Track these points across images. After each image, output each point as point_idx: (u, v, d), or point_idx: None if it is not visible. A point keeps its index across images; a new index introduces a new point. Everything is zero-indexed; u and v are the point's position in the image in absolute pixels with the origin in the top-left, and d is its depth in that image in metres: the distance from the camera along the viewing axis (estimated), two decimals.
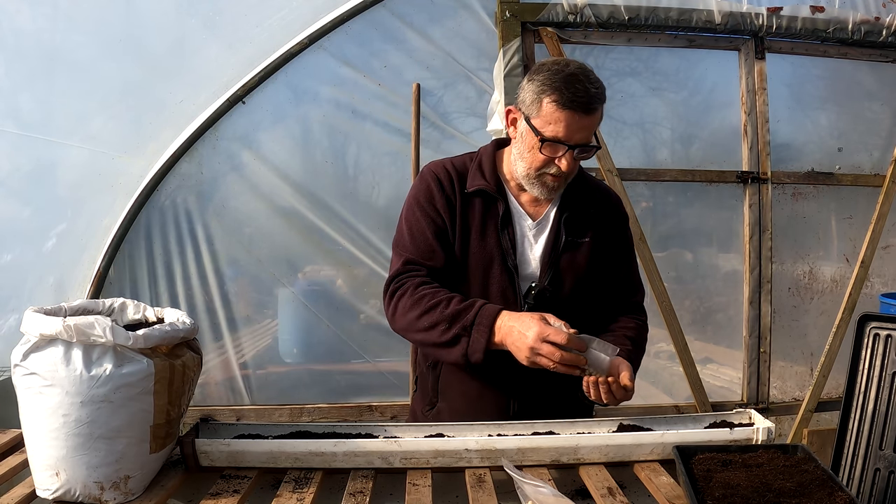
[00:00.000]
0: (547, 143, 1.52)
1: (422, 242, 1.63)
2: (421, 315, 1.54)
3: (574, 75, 1.49)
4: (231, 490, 1.26)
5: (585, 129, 1.52)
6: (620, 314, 1.72)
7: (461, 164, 1.70)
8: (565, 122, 1.50)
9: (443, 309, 1.52)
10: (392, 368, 3.04)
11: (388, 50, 2.94)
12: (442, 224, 1.64)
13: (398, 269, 1.63)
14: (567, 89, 1.48)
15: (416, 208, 1.66)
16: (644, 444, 1.39)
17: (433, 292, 1.55)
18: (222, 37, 2.82)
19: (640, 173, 3.09)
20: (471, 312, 1.50)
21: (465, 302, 1.53)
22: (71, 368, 1.15)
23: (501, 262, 1.62)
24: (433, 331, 1.53)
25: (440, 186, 1.65)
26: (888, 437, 1.90)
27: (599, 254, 1.68)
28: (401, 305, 1.58)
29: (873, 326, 1.99)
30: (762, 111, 3.14)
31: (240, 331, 2.99)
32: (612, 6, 2.94)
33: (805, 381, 3.28)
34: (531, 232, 1.66)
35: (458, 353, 1.51)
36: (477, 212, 1.64)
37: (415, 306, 1.55)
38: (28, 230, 2.78)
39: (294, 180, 2.95)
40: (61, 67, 2.71)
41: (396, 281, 1.62)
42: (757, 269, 3.16)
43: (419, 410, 1.76)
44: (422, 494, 1.24)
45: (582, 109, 1.49)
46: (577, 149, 1.53)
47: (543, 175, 1.58)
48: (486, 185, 1.64)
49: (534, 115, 1.53)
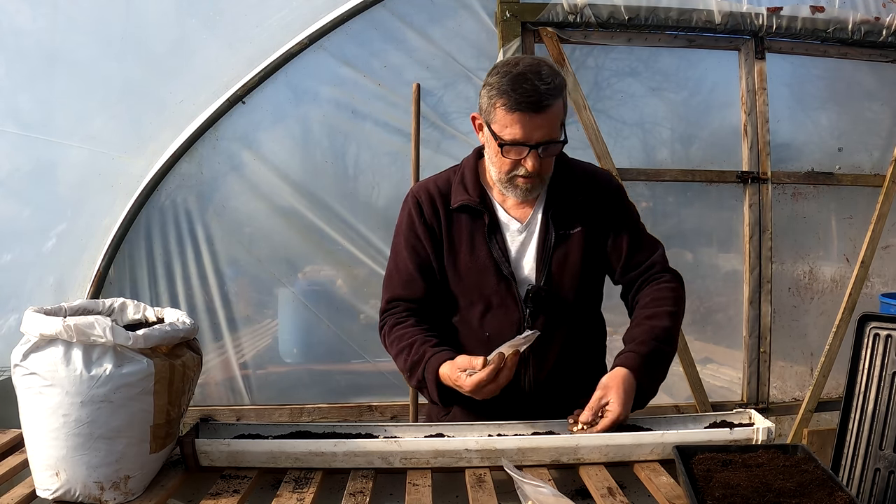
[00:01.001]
0: (507, 147, 1.51)
1: (404, 273, 1.67)
2: (395, 357, 1.64)
3: (522, 75, 1.46)
4: (231, 490, 1.26)
5: (543, 127, 1.49)
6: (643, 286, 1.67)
7: (444, 182, 1.70)
8: (520, 124, 1.48)
9: (405, 357, 1.60)
10: (392, 368, 3.03)
11: (388, 50, 2.94)
12: (423, 252, 1.66)
13: (382, 306, 1.72)
14: (514, 91, 1.45)
15: (401, 237, 1.70)
16: (644, 444, 1.39)
17: (401, 335, 1.62)
18: (222, 37, 2.82)
19: (640, 173, 3.09)
20: (420, 366, 1.56)
21: (420, 350, 1.57)
22: (71, 368, 1.15)
23: (496, 272, 1.62)
24: (405, 374, 1.64)
25: (420, 212, 1.67)
26: (888, 437, 1.90)
27: (594, 239, 1.66)
28: (386, 345, 1.68)
29: (873, 326, 1.99)
30: (762, 111, 3.14)
31: (240, 331, 2.99)
32: (612, 6, 2.94)
33: (805, 381, 3.28)
34: (521, 236, 1.65)
35: (429, 397, 1.61)
36: (464, 227, 1.64)
37: (391, 347, 1.65)
38: (28, 230, 2.78)
39: (294, 180, 2.95)
40: (61, 67, 2.71)
41: (381, 319, 1.71)
42: (757, 269, 3.16)
43: (434, 414, 1.75)
44: (422, 494, 1.24)
45: (532, 109, 1.46)
46: (539, 147, 1.50)
47: (514, 178, 1.56)
48: (468, 198, 1.63)
49: (492, 120, 1.52)
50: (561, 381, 1.65)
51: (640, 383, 1.50)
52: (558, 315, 1.64)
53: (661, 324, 1.58)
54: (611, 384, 1.47)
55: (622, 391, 1.46)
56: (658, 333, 1.56)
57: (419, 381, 1.58)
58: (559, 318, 1.64)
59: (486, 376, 1.41)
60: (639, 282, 1.69)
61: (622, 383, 1.47)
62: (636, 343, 1.55)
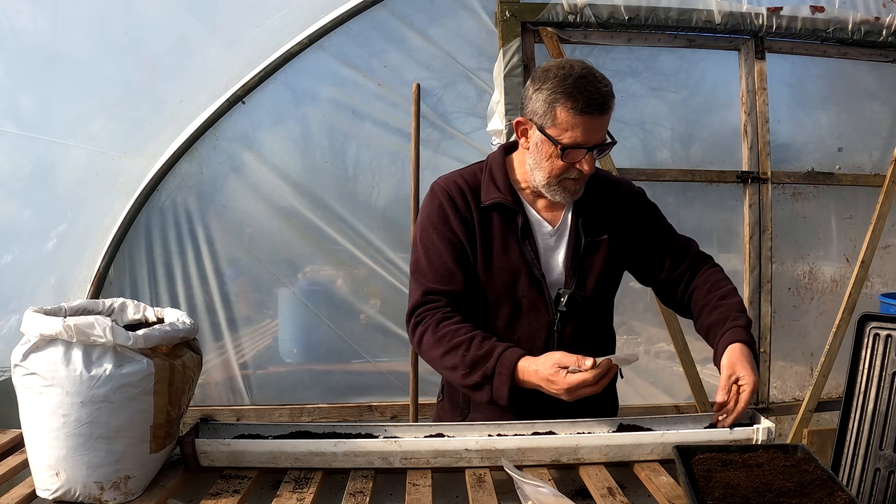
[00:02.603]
0: (568, 150, 1.51)
1: (440, 266, 1.60)
2: (444, 355, 1.52)
3: (583, 77, 1.48)
4: (231, 490, 1.26)
5: (602, 129, 1.53)
6: (693, 276, 1.71)
7: (471, 177, 1.67)
8: (582, 127, 1.49)
9: (463, 353, 1.50)
10: (392, 368, 3.04)
11: (388, 50, 2.94)
12: (459, 245, 1.61)
13: (418, 299, 1.61)
14: (581, 94, 1.47)
15: (431, 230, 1.62)
16: (644, 444, 1.39)
17: (454, 330, 1.53)
18: (222, 37, 2.82)
19: (640, 173, 3.09)
20: (490, 360, 1.48)
21: (485, 345, 1.50)
22: (71, 368, 1.15)
23: (528, 273, 1.61)
24: (456, 373, 1.52)
25: (453, 205, 1.62)
26: (888, 437, 1.90)
27: (620, 248, 1.68)
28: (424, 341, 1.57)
29: (873, 326, 1.99)
30: (762, 111, 3.14)
31: (240, 331, 2.99)
32: (612, 6, 2.94)
33: (805, 381, 3.28)
34: (552, 239, 1.65)
35: (485, 397, 1.50)
36: (496, 225, 1.62)
37: (437, 345, 1.53)
38: (28, 230, 2.78)
39: (294, 180, 2.95)
40: (61, 67, 2.71)
41: (417, 314, 1.59)
42: (757, 269, 3.16)
43: (448, 420, 1.70)
44: (422, 494, 1.24)
45: (598, 111, 1.49)
46: (595, 149, 1.53)
47: (564, 180, 1.57)
48: (502, 197, 1.61)
49: (548, 124, 1.51)
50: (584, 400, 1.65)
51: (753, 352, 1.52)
52: (586, 320, 1.65)
53: (737, 299, 1.63)
54: (734, 360, 1.47)
55: (747, 362, 1.47)
56: (741, 307, 1.61)
57: (483, 378, 1.48)
58: (586, 324, 1.65)
59: (592, 377, 1.38)
60: (687, 275, 1.72)
61: (744, 356, 1.48)
62: (732, 319, 1.57)
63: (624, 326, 3.14)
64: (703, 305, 1.65)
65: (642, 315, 3.17)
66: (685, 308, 1.73)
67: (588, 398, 1.61)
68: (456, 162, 2.88)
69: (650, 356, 3.19)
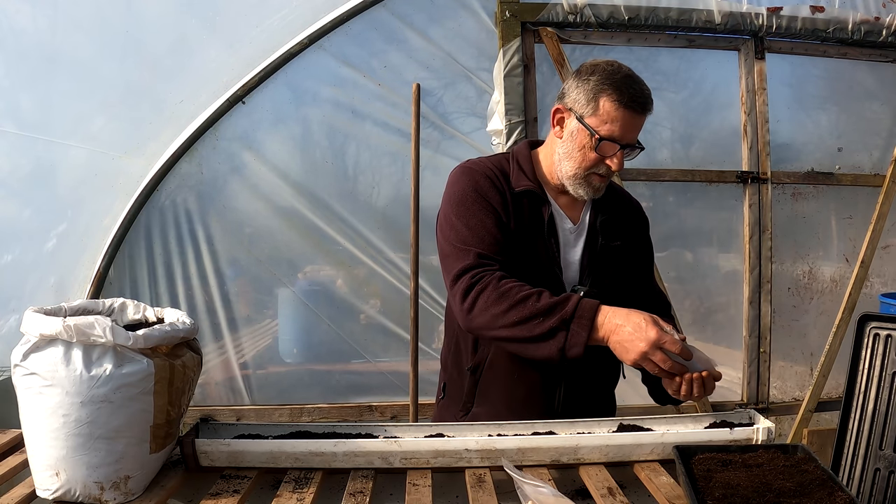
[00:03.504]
0: (602, 142, 1.53)
1: (486, 235, 1.55)
2: (509, 309, 1.45)
3: (630, 76, 1.55)
4: (231, 490, 1.25)
5: (637, 129, 1.57)
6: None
7: (498, 164, 1.67)
8: (622, 122, 1.52)
9: (535, 301, 1.44)
10: (392, 368, 3.04)
11: (388, 50, 2.94)
12: (501, 219, 1.57)
13: (470, 262, 1.52)
14: (627, 89, 1.52)
15: (472, 203, 1.57)
16: (644, 444, 1.39)
17: (519, 286, 1.47)
18: (222, 37, 2.82)
19: (640, 173, 3.09)
20: (568, 305, 1.43)
21: (560, 296, 1.46)
22: (71, 368, 1.15)
23: (547, 265, 1.61)
24: (524, 325, 1.44)
25: (491, 182, 1.60)
26: (888, 437, 1.90)
27: (629, 258, 1.71)
28: (481, 300, 1.48)
29: (873, 326, 1.99)
30: (762, 111, 3.14)
31: (240, 331, 3.00)
32: (612, 6, 2.94)
33: (805, 381, 3.28)
34: (571, 235, 1.66)
35: (555, 347, 1.42)
36: (525, 212, 1.62)
37: (500, 300, 1.46)
38: (28, 230, 2.78)
39: (294, 180, 2.95)
40: (61, 67, 2.71)
41: (473, 274, 1.50)
42: (757, 269, 3.16)
43: (450, 417, 1.71)
44: (422, 494, 1.24)
45: (640, 109, 1.54)
46: (626, 148, 1.56)
47: (591, 175, 1.58)
48: (532, 185, 1.62)
49: (589, 114, 1.54)
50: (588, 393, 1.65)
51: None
52: None
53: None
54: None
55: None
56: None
57: (560, 322, 1.41)
58: None
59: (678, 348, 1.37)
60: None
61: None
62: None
63: None
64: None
65: None
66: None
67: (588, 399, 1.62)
68: (456, 162, 2.86)
69: None
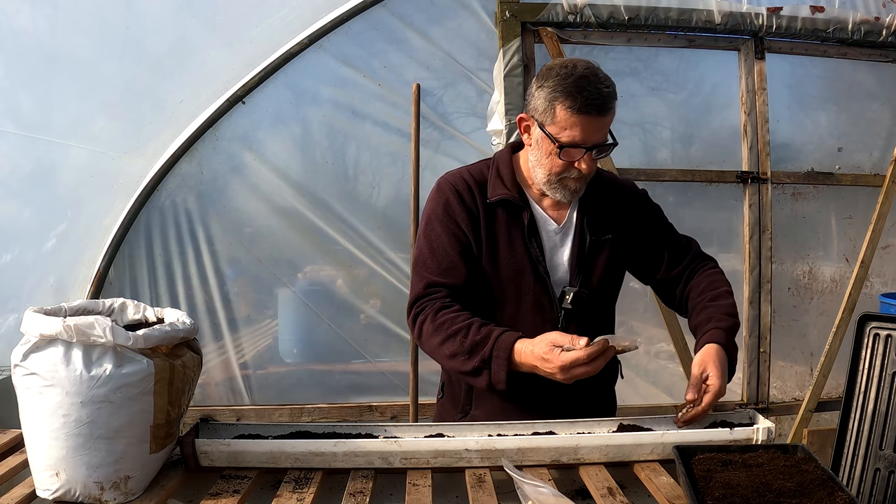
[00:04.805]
0: (565, 149, 1.52)
1: (444, 259, 1.61)
2: (442, 343, 1.53)
3: (584, 77, 1.49)
4: (231, 490, 1.26)
5: (602, 130, 1.53)
6: (692, 276, 1.71)
7: (478, 173, 1.68)
8: (581, 127, 1.50)
9: (462, 339, 1.50)
10: (392, 368, 3.04)
11: (389, 50, 2.94)
12: (465, 239, 1.62)
13: (419, 292, 1.61)
14: (580, 94, 1.48)
15: (437, 223, 1.63)
16: (644, 444, 1.39)
17: (452, 318, 1.53)
18: (222, 37, 2.82)
19: (640, 173, 3.09)
20: (487, 345, 1.48)
21: (482, 330, 1.50)
22: (71, 368, 1.15)
23: (533, 270, 1.61)
24: (455, 360, 1.52)
25: (460, 199, 1.63)
26: (888, 437, 1.90)
27: (623, 247, 1.70)
28: (424, 331, 1.57)
29: (873, 326, 1.99)
30: (762, 111, 3.14)
31: (240, 331, 2.99)
32: (612, 6, 2.94)
33: (805, 381, 3.28)
34: (557, 236, 1.66)
35: (483, 381, 1.50)
36: (502, 221, 1.63)
37: (436, 333, 1.54)
38: (28, 230, 2.78)
39: (294, 180, 2.95)
40: (61, 67, 2.71)
41: (418, 305, 1.60)
42: (757, 269, 3.16)
43: (449, 418, 1.72)
44: (422, 494, 1.24)
45: (597, 112, 1.49)
46: (594, 149, 1.53)
47: (564, 179, 1.58)
48: (508, 193, 1.62)
49: (548, 122, 1.52)
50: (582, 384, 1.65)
51: (730, 356, 1.52)
52: (589, 318, 1.65)
53: (728, 301, 1.62)
54: (706, 359, 1.48)
55: (718, 364, 1.47)
56: (729, 310, 1.60)
57: (482, 362, 1.48)
58: (590, 321, 1.65)
59: (586, 356, 1.37)
60: (685, 275, 1.72)
61: (716, 357, 1.48)
62: (716, 320, 1.57)
63: (624, 326, 3.13)
64: (694, 305, 1.66)
65: (642, 315, 3.17)
66: (683, 308, 1.74)
67: (588, 397, 1.63)
68: (456, 162, 2.88)
69: (650, 356, 3.19)
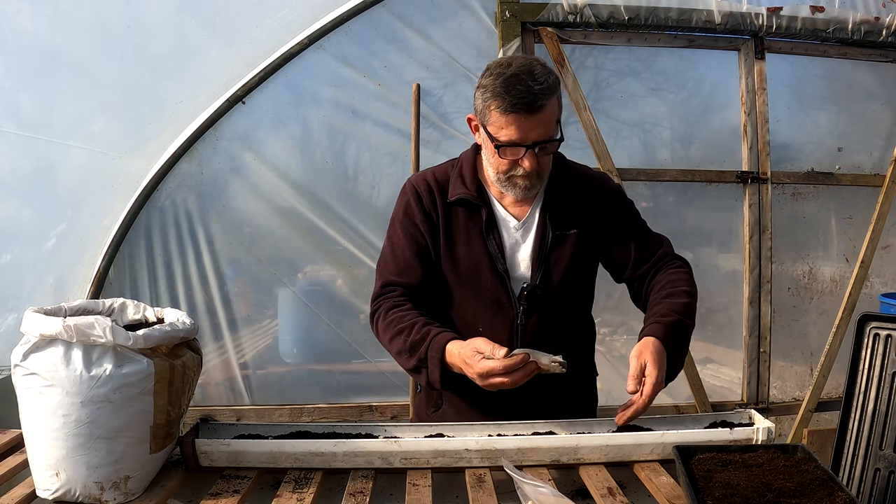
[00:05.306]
0: (503, 148, 1.51)
1: (401, 260, 1.66)
2: (391, 340, 1.59)
3: (515, 76, 1.46)
4: (231, 490, 1.26)
5: (539, 127, 1.49)
6: (654, 275, 1.68)
7: (442, 174, 1.70)
8: (515, 125, 1.48)
9: (405, 337, 1.55)
10: (392, 368, 3.04)
11: (389, 50, 2.94)
12: (422, 240, 1.65)
13: (377, 291, 1.68)
14: (508, 93, 1.45)
15: (398, 225, 1.68)
16: (644, 444, 1.39)
17: (400, 317, 1.58)
18: (222, 37, 2.82)
19: (640, 173, 3.09)
20: (424, 344, 1.52)
21: (423, 330, 1.53)
22: (71, 368, 1.15)
23: (491, 268, 1.62)
24: (401, 357, 1.58)
25: (419, 201, 1.66)
26: (888, 437, 1.90)
27: (590, 241, 1.67)
28: (378, 328, 1.64)
29: (873, 326, 1.99)
30: (762, 111, 3.14)
31: (240, 331, 2.99)
32: (612, 6, 2.94)
33: (805, 381, 3.28)
34: (518, 233, 1.65)
35: (423, 379, 1.55)
36: (461, 220, 1.64)
37: (386, 331, 1.60)
38: (28, 230, 2.78)
39: (294, 180, 2.95)
40: (61, 67, 2.71)
41: (375, 303, 1.67)
42: (757, 269, 3.16)
43: (424, 412, 1.76)
44: (422, 494, 1.25)
45: (526, 110, 1.46)
46: (535, 147, 1.51)
47: (512, 177, 1.57)
48: (466, 192, 1.63)
49: (487, 122, 1.52)
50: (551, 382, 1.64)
51: (668, 351, 1.48)
52: (551, 315, 1.65)
53: (680, 300, 1.58)
54: (643, 350, 1.44)
55: (655, 355, 1.42)
56: (677, 307, 1.56)
57: (419, 361, 1.52)
58: (552, 318, 1.65)
59: (502, 367, 1.38)
60: (651, 273, 1.69)
61: (653, 349, 1.44)
62: (658, 315, 1.54)
63: (624, 326, 3.13)
64: (650, 301, 1.63)
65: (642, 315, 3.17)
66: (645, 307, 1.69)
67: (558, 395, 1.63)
68: None
69: None
